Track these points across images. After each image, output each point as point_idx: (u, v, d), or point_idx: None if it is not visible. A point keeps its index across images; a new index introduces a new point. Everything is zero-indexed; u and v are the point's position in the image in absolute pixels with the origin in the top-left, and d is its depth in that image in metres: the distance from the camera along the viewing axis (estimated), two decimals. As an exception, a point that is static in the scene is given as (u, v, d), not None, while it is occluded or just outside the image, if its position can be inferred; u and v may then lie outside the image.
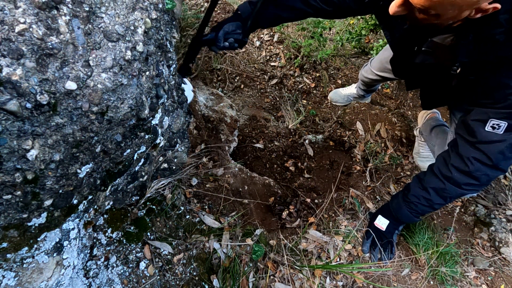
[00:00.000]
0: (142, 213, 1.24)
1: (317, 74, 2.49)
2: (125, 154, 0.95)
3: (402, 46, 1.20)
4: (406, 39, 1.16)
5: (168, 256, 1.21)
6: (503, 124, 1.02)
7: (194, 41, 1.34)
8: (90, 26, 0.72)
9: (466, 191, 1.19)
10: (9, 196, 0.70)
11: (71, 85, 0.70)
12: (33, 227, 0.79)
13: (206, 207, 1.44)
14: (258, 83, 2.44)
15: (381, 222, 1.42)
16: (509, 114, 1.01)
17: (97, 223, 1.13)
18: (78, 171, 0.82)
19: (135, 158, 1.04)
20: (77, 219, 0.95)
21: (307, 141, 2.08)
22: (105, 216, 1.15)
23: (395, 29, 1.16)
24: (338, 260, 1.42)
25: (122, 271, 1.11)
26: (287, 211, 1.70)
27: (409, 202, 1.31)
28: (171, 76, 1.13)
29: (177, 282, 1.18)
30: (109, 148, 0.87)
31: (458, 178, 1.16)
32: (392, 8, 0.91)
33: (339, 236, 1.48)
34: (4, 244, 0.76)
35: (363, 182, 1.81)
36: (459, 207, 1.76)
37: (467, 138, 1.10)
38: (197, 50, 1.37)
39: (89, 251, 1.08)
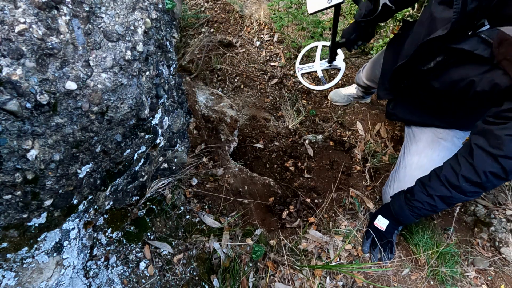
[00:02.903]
0: (142, 213, 1.23)
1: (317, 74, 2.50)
2: (125, 154, 0.95)
3: (463, 23, 1.06)
4: (473, 17, 1.03)
5: (168, 256, 1.21)
6: None
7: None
8: (90, 26, 0.73)
9: (470, 198, 1.20)
10: (9, 196, 0.70)
11: (71, 85, 0.70)
12: (33, 227, 0.79)
13: (206, 207, 1.44)
14: (258, 83, 2.44)
15: (381, 222, 1.42)
16: None
17: (97, 223, 1.13)
18: (78, 171, 0.82)
19: (135, 158, 1.04)
20: (77, 219, 0.95)
21: (307, 141, 2.08)
22: (105, 216, 1.15)
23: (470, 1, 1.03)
24: (338, 260, 1.42)
25: (122, 271, 1.11)
26: (287, 211, 1.70)
27: (412, 207, 1.31)
28: (171, 76, 1.13)
29: (177, 282, 1.18)
30: (109, 148, 0.87)
31: (466, 187, 1.15)
32: None
33: (339, 236, 1.48)
34: (4, 244, 0.76)
35: (363, 182, 1.81)
36: (459, 207, 1.76)
37: (489, 150, 1.07)
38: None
39: (89, 251, 1.08)
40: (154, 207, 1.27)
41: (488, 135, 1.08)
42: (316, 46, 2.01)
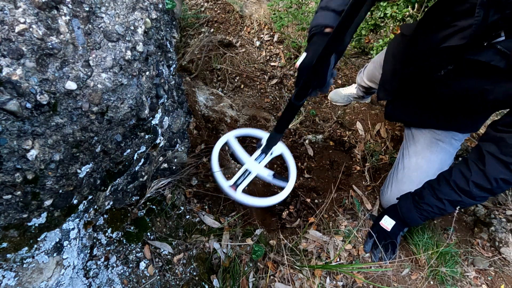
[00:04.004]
0: (142, 213, 1.24)
1: (317, 74, 2.49)
2: (125, 154, 0.95)
3: (481, 34, 1.00)
4: (492, 29, 0.98)
5: (168, 256, 1.21)
6: None
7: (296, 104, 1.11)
8: (90, 26, 0.73)
9: (478, 202, 1.24)
10: (9, 196, 0.70)
11: (71, 85, 0.70)
12: (33, 227, 0.79)
13: (206, 207, 1.44)
14: (258, 83, 2.44)
15: (387, 223, 1.42)
16: None
17: (97, 223, 1.13)
18: (78, 171, 0.82)
19: (135, 158, 1.04)
20: (77, 219, 0.95)
21: (307, 141, 2.08)
22: (105, 216, 1.15)
23: (493, 10, 0.94)
24: (338, 260, 1.42)
25: (122, 271, 1.11)
26: (287, 211, 1.70)
27: (421, 209, 1.32)
28: (171, 76, 1.13)
29: (177, 282, 1.18)
30: (109, 148, 0.87)
31: (476, 192, 1.18)
32: None
33: (339, 236, 1.48)
34: (4, 244, 0.76)
35: (363, 182, 1.81)
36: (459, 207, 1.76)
37: (501, 157, 1.09)
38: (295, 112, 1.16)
39: (89, 251, 1.08)
40: (154, 207, 1.27)
41: (500, 143, 1.09)
42: (226, 143, 1.40)
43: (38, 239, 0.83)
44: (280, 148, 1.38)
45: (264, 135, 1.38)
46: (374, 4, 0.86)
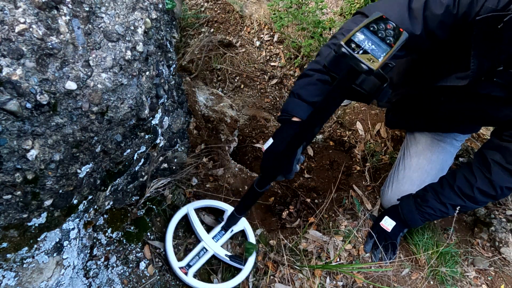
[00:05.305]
0: (142, 213, 1.24)
1: (317, 74, 2.49)
2: (125, 154, 0.95)
3: (480, 75, 1.04)
4: (491, 69, 1.01)
5: (168, 256, 1.21)
6: None
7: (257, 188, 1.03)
8: (90, 26, 0.73)
9: (480, 206, 1.29)
10: (9, 196, 0.70)
11: (71, 85, 0.70)
12: (33, 227, 0.79)
13: (206, 207, 1.44)
14: (258, 83, 2.44)
15: (388, 223, 1.43)
16: None
17: (97, 223, 1.13)
18: (78, 171, 0.82)
19: (135, 158, 1.04)
20: (77, 219, 0.95)
21: (307, 141, 2.08)
22: (105, 216, 1.15)
23: (486, 60, 0.99)
24: (338, 260, 1.42)
25: (122, 271, 1.11)
26: (287, 211, 1.70)
27: (423, 212, 1.33)
28: (171, 76, 1.13)
29: (177, 282, 1.18)
30: (109, 148, 0.87)
31: (480, 198, 1.21)
32: None
33: (339, 236, 1.48)
34: (4, 244, 0.76)
35: (363, 182, 1.81)
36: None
37: (506, 166, 1.13)
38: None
39: (89, 251, 1.08)
40: (154, 207, 1.27)
41: (505, 152, 1.12)
42: (186, 215, 1.28)
43: (38, 239, 0.83)
44: (241, 224, 1.32)
45: (227, 208, 1.31)
46: (344, 100, 0.82)
